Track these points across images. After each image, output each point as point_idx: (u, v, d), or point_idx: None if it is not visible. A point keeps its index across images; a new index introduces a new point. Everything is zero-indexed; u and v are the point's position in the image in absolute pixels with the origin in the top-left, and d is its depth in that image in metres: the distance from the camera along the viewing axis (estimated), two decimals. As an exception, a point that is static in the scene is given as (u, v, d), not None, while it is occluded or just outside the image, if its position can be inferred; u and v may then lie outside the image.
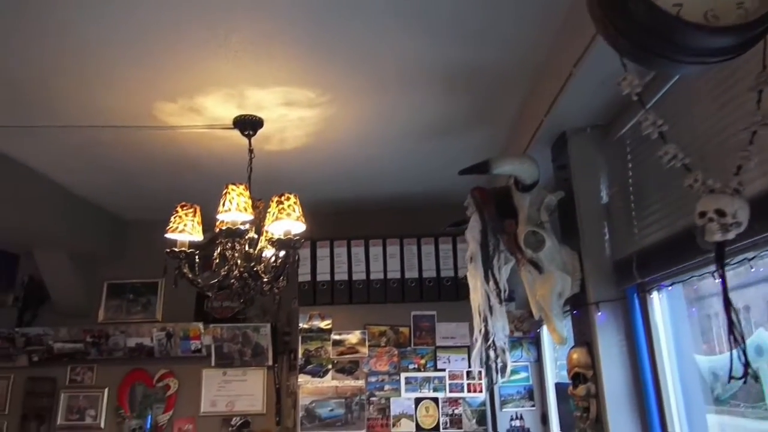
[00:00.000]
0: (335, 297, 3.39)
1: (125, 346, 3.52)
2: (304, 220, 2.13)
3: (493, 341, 1.80)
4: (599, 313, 2.01)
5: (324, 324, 3.34)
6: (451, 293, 3.38)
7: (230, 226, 2.12)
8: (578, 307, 2.11)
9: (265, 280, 2.14)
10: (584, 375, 2.02)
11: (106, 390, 3.58)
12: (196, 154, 2.81)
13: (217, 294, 3.73)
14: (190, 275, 2.19)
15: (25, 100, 2.24)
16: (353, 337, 3.32)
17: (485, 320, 1.82)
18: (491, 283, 1.84)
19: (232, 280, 2.17)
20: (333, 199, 3.43)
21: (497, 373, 1.83)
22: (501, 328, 1.83)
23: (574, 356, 2.07)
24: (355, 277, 3.41)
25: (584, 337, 2.08)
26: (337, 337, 3.32)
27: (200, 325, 3.51)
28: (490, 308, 1.81)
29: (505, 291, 1.90)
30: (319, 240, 3.36)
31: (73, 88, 2.15)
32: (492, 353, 1.79)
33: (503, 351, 1.84)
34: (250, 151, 2.38)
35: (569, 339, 2.11)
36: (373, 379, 3.26)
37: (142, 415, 3.52)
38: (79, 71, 2.03)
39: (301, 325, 3.33)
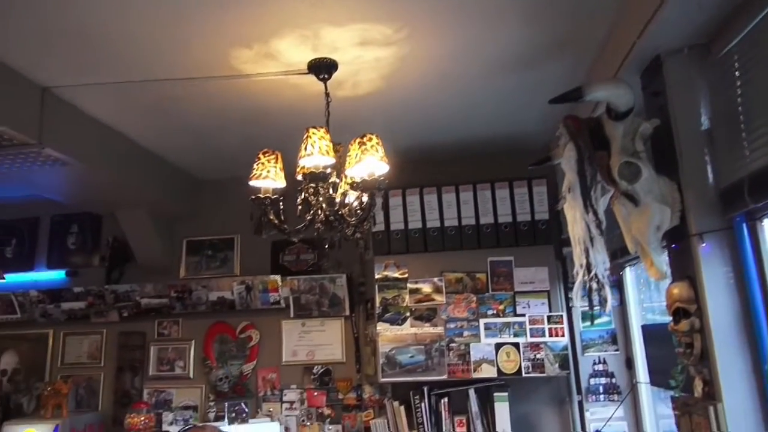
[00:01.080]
0: (410, 245, 3.37)
1: (207, 300, 3.63)
2: (387, 160, 2.09)
3: (595, 273, 1.73)
4: (703, 245, 1.89)
5: (400, 273, 3.34)
6: (528, 238, 3.31)
7: (314, 170, 2.11)
8: (678, 240, 2.00)
9: (352, 222, 2.13)
10: (686, 310, 1.92)
11: (192, 342, 3.72)
12: (269, 104, 2.80)
13: (291, 248, 3.80)
14: (275, 221, 2.20)
15: (99, 56, 2.26)
16: (430, 284, 3.31)
17: (586, 252, 1.75)
18: (591, 214, 1.75)
19: (318, 225, 2.17)
20: (404, 147, 3.37)
21: (599, 306, 1.76)
22: (601, 261, 1.75)
23: (675, 291, 1.97)
24: (429, 224, 3.38)
25: (686, 271, 1.97)
26: (413, 285, 3.31)
27: (278, 278, 3.57)
28: (591, 240, 1.74)
29: (603, 223, 1.81)
30: (391, 189, 3.33)
31: (149, 40, 2.16)
32: (594, 285, 1.72)
33: (604, 285, 1.77)
34: (327, 94, 2.34)
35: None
36: (451, 325, 3.25)
37: (227, 365, 3.64)
38: (155, 19, 2.02)
39: (376, 274, 3.34)
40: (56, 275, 3.94)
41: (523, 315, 3.22)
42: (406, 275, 3.33)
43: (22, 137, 2.39)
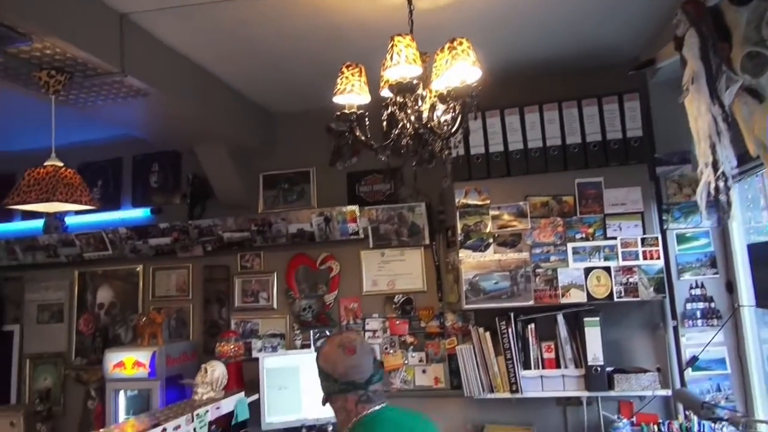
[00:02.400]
0: (491, 170, 3.24)
1: (287, 232, 3.66)
2: (480, 65, 1.96)
3: (722, 172, 1.57)
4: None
5: (481, 199, 3.23)
6: (619, 157, 3.11)
7: (400, 81, 2.00)
8: (810, 138, 1.79)
9: (443, 134, 2.02)
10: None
11: (275, 274, 3.79)
12: (342, 23, 2.68)
13: (367, 179, 3.75)
14: (362, 138, 2.12)
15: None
16: (513, 209, 3.19)
17: (712, 148, 1.59)
18: (717, 105, 1.58)
19: (406, 140, 2.08)
20: (484, 66, 3.19)
21: (725, 208, 1.61)
22: (729, 158, 1.59)
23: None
24: (512, 147, 3.23)
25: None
26: (495, 211, 3.20)
27: (356, 208, 3.54)
28: (718, 134, 1.57)
29: (730, 117, 1.63)
30: (469, 113, 3.18)
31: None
32: (722, 184, 1.57)
33: (731, 186, 1.61)
34: (409, 2, 2.20)
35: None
36: (537, 250, 3.14)
37: (309, 295, 3.69)
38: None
39: (456, 201, 3.24)
40: (142, 213, 4.07)
41: (615, 238, 3.06)
42: (488, 201, 3.22)
43: (105, 66, 2.39)
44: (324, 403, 1.83)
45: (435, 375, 3.49)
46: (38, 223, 4.09)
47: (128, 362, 3.41)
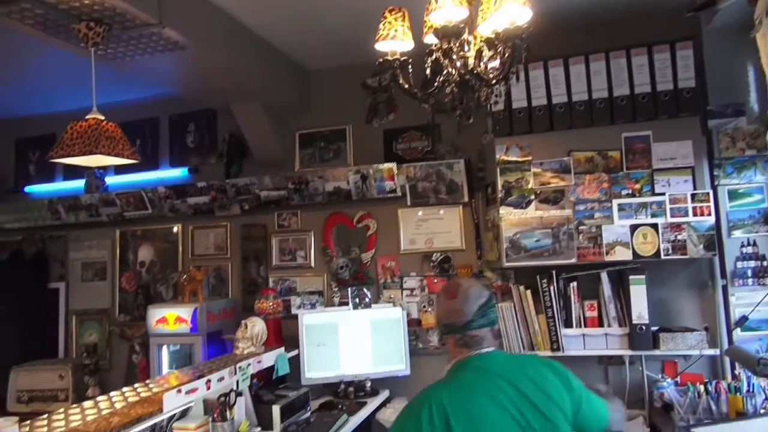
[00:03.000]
0: (534, 124, 3.14)
1: (324, 190, 3.63)
2: (530, 4, 1.86)
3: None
4: None
5: (523, 154, 3.14)
6: (669, 109, 2.98)
7: (445, 25, 1.92)
8: None
9: (491, 79, 1.94)
10: None
11: (311, 233, 3.78)
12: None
13: (404, 136, 3.69)
14: (406, 85, 2.06)
15: None
16: (556, 165, 3.10)
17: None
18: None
19: (450, 87, 2.00)
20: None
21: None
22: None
23: None
24: (555, 100, 3.12)
25: None
26: (537, 167, 3.12)
27: (393, 166, 3.49)
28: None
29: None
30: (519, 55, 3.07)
31: None
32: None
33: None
34: (454, -58, 2.09)
35: None
36: (581, 207, 3.05)
37: (346, 254, 3.68)
38: None
39: (497, 157, 3.16)
40: (179, 173, 4.09)
41: (663, 194, 2.95)
42: (530, 157, 3.13)
43: (143, 16, 2.36)
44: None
45: (473, 333, 3.46)
46: (79, 183, 4.16)
47: (170, 318, 3.47)
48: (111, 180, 4.17)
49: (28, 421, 1.93)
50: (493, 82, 1.98)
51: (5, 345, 4.03)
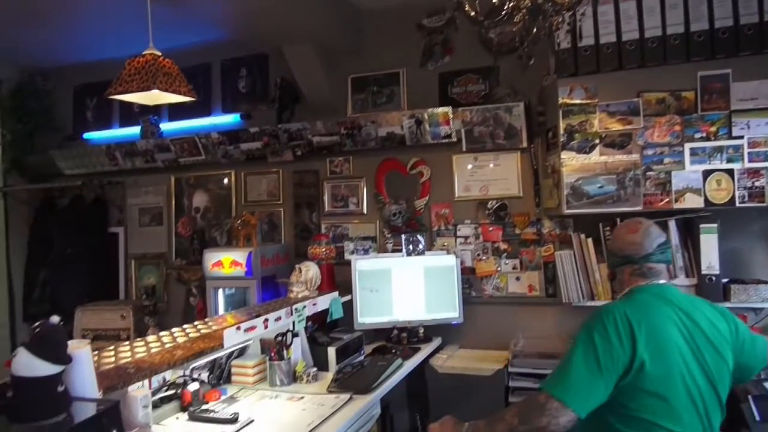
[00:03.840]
0: (601, 63, 2.95)
1: (377, 136, 3.56)
2: None
3: None
4: None
5: (588, 95, 2.97)
6: (752, 44, 2.74)
7: (517, -56, 1.78)
8: None
9: (567, 2, 1.80)
10: None
11: (364, 179, 3.74)
12: None
13: (460, 79, 3.56)
14: (471, 13, 1.94)
15: None
16: (624, 107, 2.92)
17: None
18: None
19: (521, 13, 1.87)
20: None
21: None
22: None
23: None
24: (625, 37, 2.92)
25: None
26: (603, 109, 2.95)
27: (449, 110, 3.37)
28: None
29: None
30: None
31: None
32: None
33: None
34: None
35: None
36: (649, 151, 2.88)
37: (399, 201, 3.63)
38: None
39: (560, 99, 3.01)
40: (232, 119, 4.08)
41: (741, 137, 2.75)
42: (596, 98, 2.96)
43: (197, -51, 2.29)
44: (610, 278, 2.55)
45: (529, 282, 3.39)
46: (135, 130, 4.22)
47: (226, 262, 3.52)
48: (165, 126, 4.21)
49: (96, 351, 1.98)
50: (569, 6, 1.84)
51: (70, 286, 4.20)
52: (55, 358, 1.06)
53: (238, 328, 2.33)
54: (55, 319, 1.11)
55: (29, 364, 1.04)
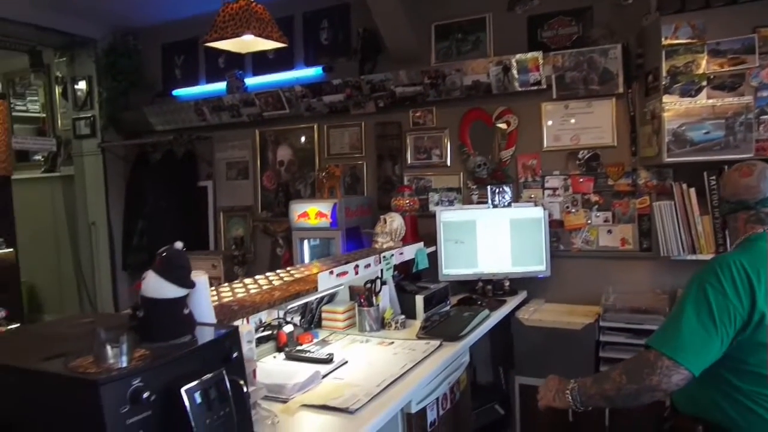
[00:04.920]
0: (711, -3, 2.73)
1: (462, 84, 3.46)
2: None
3: None
4: None
5: (695, 33, 2.75)
6: None
7: None
8: None
9: None
10: None
11: (447, 130, 3.66)
12: None
13: (551, 22, 3.38)
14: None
15: None
16: (737, 44, 2.69)
17: None
18: None
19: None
20: None
21: None
22: None
23: None
24: (742, -35, 2.67)
25: None
26: (712, 47, 2.72)
27: (539, 55, 3.23)
28: None
29: None
30: None
31: None
32: None
33: None
34: None
35: None
36: (764, 93, 2.66)
37: (484, 152, 3.54)
38: None
39: (663, 39, 2.80)
40: (314, 72, 4.08)
41: None
42: (704, 36, 2.74)
43: None
44: (722, 227, 2.37)
45: (622, 236, 3.25)
46: (221, 86, 4.31)
47: (312, 213, 3.57)
48: (249, 81, 4.27)
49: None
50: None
51: (165, 236, 4.39)
52: (181, 282, 1.10)
53: (331, 272, 2.37)
54: (179, 244, 1.14)
55: (158, 287, 1.09)
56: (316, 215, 3.57)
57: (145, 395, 0.95)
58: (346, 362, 2.19)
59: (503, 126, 3.50)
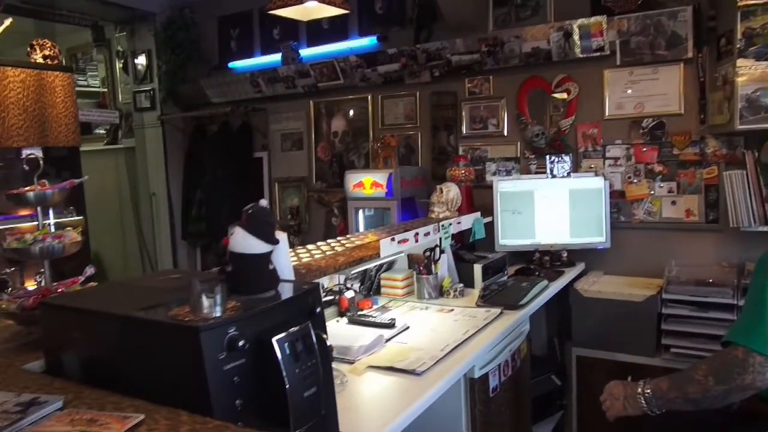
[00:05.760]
0: (795, -49, 2.57)
1: (521, 51, 3.39)
2: None
3: None
4: None
5: (775, -8, 2.60)
6: None
7: None
8: None
9: None
10: None
11: (504, 99, 3.60)
12: None
13: (615, -14, 3.25)
14: None
15: None
16: (821, 3, 2.53)
17: None
18: None
19: None
20: None
21: None
22: None
23: None
24: None
25: None
26: (794, 7, 2.57)
27: (603, 19, 3.12)
28: None
29: None
30: None
31: None
32: None
33: None
34: None
35: None
36: None
37: (542, 121, 3.47)
38: None
39: (739, -1, 2.66)
40: (368, 42, 4.07)
41: None
42: (784, -5, 2.59)
43: None
44: None
45: (687, 207, 3.15)
46: (276, 57, 4.34)
47: (367, 182, 3.60)
48: (304, 52, 4.28)
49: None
50: None
51: (222, 206, 4.52)
52: (267, 238, 1.13)
53: (393, 239, 2.39)
54: (264, 202, 1.17)
55: (245, 242, 1.12)
56: (372, 185, 3.59)
57: (240, 343, 0.99)
58: (408, 327, 2.22)
59: (563, 95, 3.41)
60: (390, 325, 2.21)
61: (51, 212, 3.41)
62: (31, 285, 1.82)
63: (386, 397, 1.68)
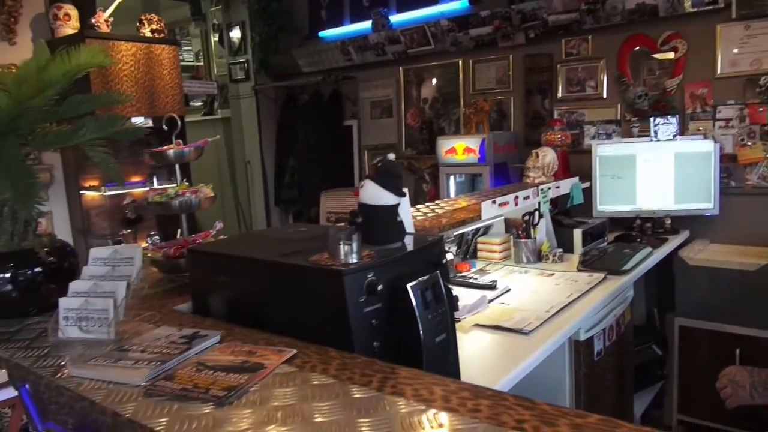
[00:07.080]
0: None
1: (623, 8, 3.23)
2: None
3: None
4: None
5: None
6: None
7: None
8: None
9: None
10: None
11: (603, 60, 3.46)
12: None
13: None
14: None
15: None
16: None
17: None
18: None
19: None
20: None
21: None
22: None
23: None
24: None
25: None
26: None
27: (718, -31, 2.91)
28: None
29: None
30: None
31: None
32: None
33: None
34: None
35: None
36: None
37: (646, 81, 3.31)
38: None
39: None
40: (459, 5, 4.00)
41: None
42: None
43: None
44: None
45: (808, 171, 2.93)
46: (366, 24, 4.36)
47: (459, 148, 3.58)
48: (393, 18, 4.28)
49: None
50: None
51: (314, 173, 4.66)
52: (396, 190, 1.17)
53: (494, 202, 2.38)
54: (392, 156, 1.21)
55: (376, 194, 1.17)
56: (464, 151, 3.57)
57: (379, 288, 1.04)
58: (509, 290, 2.23)
59: (669, 54, 3.23)
60: (491, 287, 2.22)
61: (155, 179, 3.64)
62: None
63: (495, 354, 1.71)
